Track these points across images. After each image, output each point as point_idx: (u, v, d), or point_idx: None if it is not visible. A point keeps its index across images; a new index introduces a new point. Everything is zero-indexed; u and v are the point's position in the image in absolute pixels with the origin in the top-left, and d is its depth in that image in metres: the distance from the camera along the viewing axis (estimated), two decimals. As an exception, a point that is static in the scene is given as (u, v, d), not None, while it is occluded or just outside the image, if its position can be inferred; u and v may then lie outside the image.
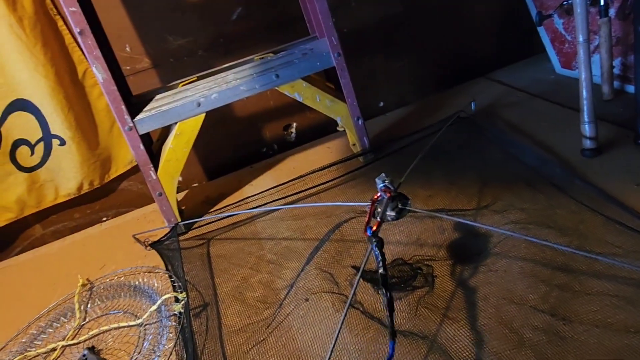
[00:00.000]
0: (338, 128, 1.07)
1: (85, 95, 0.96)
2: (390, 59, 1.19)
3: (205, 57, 1.02)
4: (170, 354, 0.63)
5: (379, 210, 0.53)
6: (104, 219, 1.11)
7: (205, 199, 1.02)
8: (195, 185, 1.16)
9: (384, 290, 0.45)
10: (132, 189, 1.10)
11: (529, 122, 0.93)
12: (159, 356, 0.63)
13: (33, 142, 0.96)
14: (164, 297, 0.69)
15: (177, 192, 1.02)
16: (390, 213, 0.52)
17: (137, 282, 0.79)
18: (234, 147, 1.16)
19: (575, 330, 0.52)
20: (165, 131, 0.90)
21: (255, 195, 0.94)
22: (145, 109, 0.82)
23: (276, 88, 0.86)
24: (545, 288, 0.58)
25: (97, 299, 0.79)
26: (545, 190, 0.74)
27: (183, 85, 0.89)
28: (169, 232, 0.86)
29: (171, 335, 0.66)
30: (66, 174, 0.99)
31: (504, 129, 0.94)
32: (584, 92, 0.77)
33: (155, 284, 0.78)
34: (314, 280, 0.70)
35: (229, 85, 0.83)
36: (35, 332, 0.75)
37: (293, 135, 1.19)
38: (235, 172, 1.10)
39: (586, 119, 0.78)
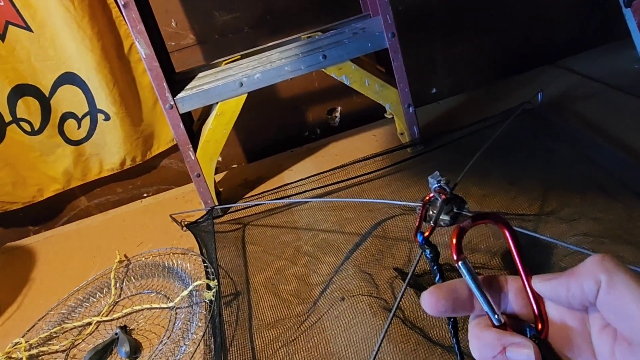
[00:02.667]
0: (386, 115, 1.00)
1: (130, 70, 0.95)
2: (449, 41, 1.09)
3: (251, 35, 0.98)
4: (199, 343, 0.61)
5: (432, 212, 0.47)
6: (145, 195, 1.12)
7: (243, 182, 0.99)
8: (234, 166, 1.14)
9: (450, 322, 0.39)
10: (173, 167, 1.10)
11: (608, 119, 0.82)
12: (187, 344, 0.61)
13: (80, 116, 0.96)
14: (195, 284, 0.67)
15: (216, 173, 1.00)
16: (444, 217, 0.46)
17: (171, 264, 0.78)
18: (275, 129, 1.12)
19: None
20: (206, 111, 0.88)
21: (294, 182, 0.90)
22: (187, 87, 0.80)
23: (322, 70, 0.80)
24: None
25: (132, 277, 0.79)
26: (625, 199, 0.64)
27: (226, 64, 0.86)
28: (204, 215, 0.85)
29: (200, 323, 0.64)
30: (110, 149, 1.00)
31: (576, 125, 0.83)
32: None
33: (189, 267, 0.76)
34: (352, 280, 0.65)
35: (273, 65, 0.79)
36: (73, 304, 0.77)
37: (337, 120, 1.14)
38: (276, 156, 1.07)
39: (682, 118, 0.67)
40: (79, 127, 0.98)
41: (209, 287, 0.67)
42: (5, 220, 1.07)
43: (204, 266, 0.73)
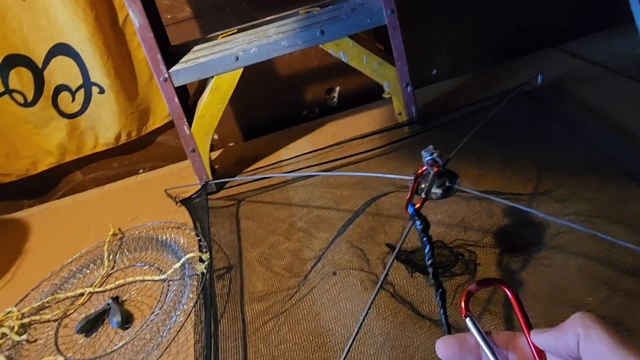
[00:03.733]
0: (384, 95, 0.99)
1: (125, 43, 0.93)
2: (449, 21, 1.07)
3: (249, 9, 0.96)
4: (189, 314, 0.61)
5: (424, 186, 0.47)
6: (141, 170, 1.12)
7: (239, 159, 0.98)
8: (231, 144, 1.13)
9: (432, 282, 0.39)
10: (169, 143, 1.09)
11: (606, 102, 0.81)
12: (177, 314, 0.62)
13: (74, 89, 0.95)
14: (187, 256, 0.67)
15: (212, 151, 0.99)
16: (436, 190, 0.45)
17: (164, 237, 0.78)
18: (273, 108, 1.11)
19: (637, 340, 0.44)
20: (202, 85, 0.86)
21: (290, 159, 0.89)
22: (182, 60, 0.78)
23: (320, 46, 0.79)
24: (608, 292, 0.50)
25: (125, 249, 0.79)
26: (619, 181, 0.64)
27: (222, 37, 0.84)
28: (199, 190, 0.84)
29: (192, 295, 0.64)
30: (105, 122, 0.99)
31: (574, 107, 0.83)
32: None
33: (182, 241, 0.76)
34: (344, 255, 0.65)
35: (269, 39, 0.77)
36: (66, 275, 0.77)
37: (335, 99, 1.13)
38: (273, 134, 1.06)
39: (681, 101, 0.66)
40: (73, 99, 0.96)
41: (201, 260, 0.67)
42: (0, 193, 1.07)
43: (197, 240, 0.73)
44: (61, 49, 0.90)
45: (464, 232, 0.63)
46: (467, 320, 0.25)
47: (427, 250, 0.42)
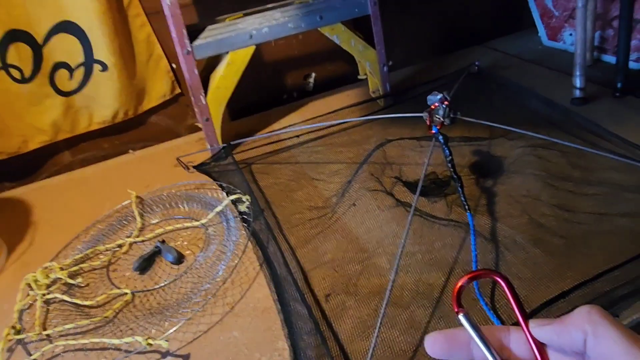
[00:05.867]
0: (359, 77, 1.18)
1: (127, 24, 0.99)
2: (403, 19, 1.30)
3: (242, 0, 1.08)
4: (245, 248, 0.72)
5: (435, 118, 0.65)
6: (130, 150, 1.16)
7: (236, 134, 1.09)
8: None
9: (454, 175, 0.58)
10: (161, 123, 1.15)
11: (525, 81, 1.09)
12: (232, 251, 0.72)
13: (73, 67, 0.98)
14: (231, 197, 0.78)
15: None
16: (446, 119, 0.64)
17: (191, 193, 0.87)
18: (257, 91, 1.23)
19: (577, 217, 0.67)
20: (211, 63, 0.97)
21: (290, 126, 1.03)
22: (201, 36, 0.89)
23: (318, 29, 0.95)
24: (553, 190, 0.73)
25: (154, 207, 0.85)
26: (543, 124, 0.90)
27: (230, 20, 0.96)
28: (217, 153, 0.94)
29: (241, 232, 0.75)
30: (104, 100, 1.03)
31: (507, 79, 1.09)
32: (578, 49, 0.93)
33: (209, 194, 0.86)
34: (358, 191, 0.81)
35: (277, 21, 0.92)
36: (95, 233, 0.81)
37: (311, 84, 1.29)
38: (260, 114, 1.18)
39: (578, 72, 0.94)
40: (71, 77, 0.99)
41: (241, 202, 0.78)
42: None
43: (225, 191, 0.83)
44: (65, 27, 0.94)
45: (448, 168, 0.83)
46: (461, 317, 0.23)
47: (447, 153, 0.60)
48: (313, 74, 1.28)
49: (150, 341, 0.55)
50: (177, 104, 1.15)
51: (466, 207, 0.60)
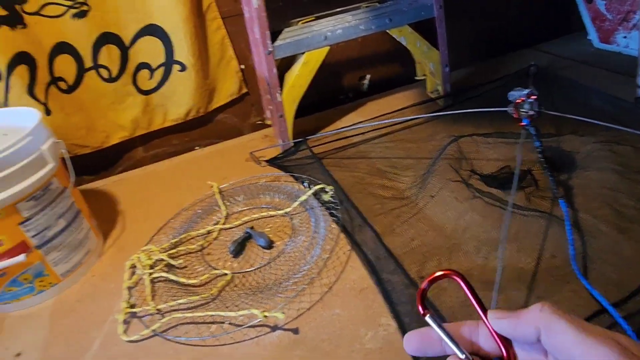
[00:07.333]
0: (417, 77, 1.22)
1: (205, 27, 1.06)
2: (456, 21, 1.34)
3: (308, 5, 1.14)
4: (339, 234, 0.76)
5: (521, 111, 0.69)
6: (197, 147, 1.22)
7: (303, 131, 1.14)
8: (278, 124, 1.28)
9: (544, 163, 0.61)
10: (227, 121, 1.21)
11: (583, 82, 1.12)
12: (322, 237, 0.76)
13: (154, 67, 1.05)
14: (315, 188, 0.82)
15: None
16: (532, 112, 0.68)
17: (270, 184, 0.91)
18: (316, 92, 1.28)
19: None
20: (285, 62, 1.02)
21: (358, 123, 1.07)
22: (280, 37, 0.94)
23: (387, 31, 1.00)
24: (632, 183, 0.75)
25: (236, 197, 0.90)
26: (609, 122, 0.92)
27: (303, 23, 1.01)
28: (291, 148, 0.99)
29: (328, 219, 0.79)
30: (179, 99, 1.09)
31: (570, 79, 1.12)
32: (643, 50, 0.96)
33: (290, 185, 0.90)
34: (437, 184, 0.85)
35: (349, 24, 0.96)
36: (184, 220, 0.86)
37: (366, 85, 1.33)
38: (321, 112, 1.23)
39: (642, 72, 0.97)
40: (151, 77, 1.06)
41: (324, 192, 0.82)
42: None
43: (304, 183, 0.88)
44: (150, 30, 1.00)
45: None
46: (427, 318, 0.25)
47: (538, 145, 0.63)
48: (368, 76, 1.32)
49: (266, 313, 0.59)
50: (242, 102, 1.21)
51: (556, 194, 0.63)
